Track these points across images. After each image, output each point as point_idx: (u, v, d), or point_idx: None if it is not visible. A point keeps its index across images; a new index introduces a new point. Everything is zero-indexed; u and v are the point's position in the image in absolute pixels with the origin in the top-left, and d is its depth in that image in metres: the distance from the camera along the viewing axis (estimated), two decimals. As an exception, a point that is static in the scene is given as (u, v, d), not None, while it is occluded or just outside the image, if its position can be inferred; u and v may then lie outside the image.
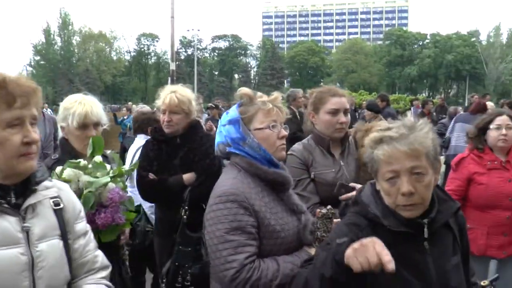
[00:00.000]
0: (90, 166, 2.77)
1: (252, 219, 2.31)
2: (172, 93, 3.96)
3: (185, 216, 3.47)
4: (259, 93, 2.63)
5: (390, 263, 1.62)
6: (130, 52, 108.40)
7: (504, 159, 3.94)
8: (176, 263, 3.25)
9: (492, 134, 3.92)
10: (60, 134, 3.21)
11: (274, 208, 2.43)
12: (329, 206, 2.40)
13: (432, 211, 1.98)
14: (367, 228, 1.98)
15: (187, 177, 3.98)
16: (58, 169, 2.70)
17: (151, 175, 4.00)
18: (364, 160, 2.09)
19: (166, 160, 4.04)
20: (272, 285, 2.21)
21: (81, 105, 3.09)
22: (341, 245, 1.75)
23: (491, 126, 3.93)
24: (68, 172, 2.66)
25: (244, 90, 2.61)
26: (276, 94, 2.62)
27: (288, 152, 3.33)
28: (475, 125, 4.10)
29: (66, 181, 2.53)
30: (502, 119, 3.93)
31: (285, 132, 2.53)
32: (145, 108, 7.60)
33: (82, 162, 2.79)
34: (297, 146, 3.46)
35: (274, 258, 2.33)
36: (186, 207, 3.50)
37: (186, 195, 3.64)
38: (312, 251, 2.38)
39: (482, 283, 2.73)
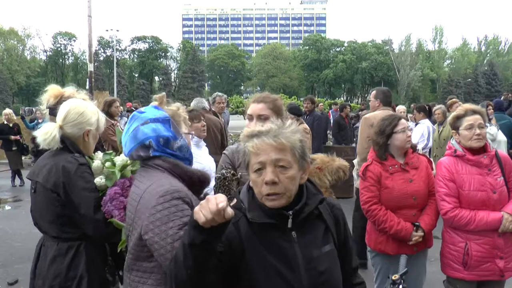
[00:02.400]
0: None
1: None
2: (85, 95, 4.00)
3: None
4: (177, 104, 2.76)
5: (226, 210, 1.75)
6: (46, 52, 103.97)
7: (402, 161, 4.23)
8: None
9: (400, 137, 4.16)
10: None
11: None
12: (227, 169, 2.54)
13: (299, 204, 2.11)
14: (243, 219, 2.14)
15: None
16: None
17: None
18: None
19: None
20: None
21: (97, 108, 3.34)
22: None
23: (396, 130, 4.17)
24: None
25: (163, 95, 2.72)
26: (178, 105, 2.75)
27: (223, 151, 3.48)
28: (380, 132, 4.26)
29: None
30: (403, 123, 4.22)
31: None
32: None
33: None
34: (233, 146, 3.50)
35: None
36: None
37: None
38: None
39: (393, 277, 3.02)
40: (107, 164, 3.00)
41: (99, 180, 3.01)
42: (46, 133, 3.04)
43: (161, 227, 2.26)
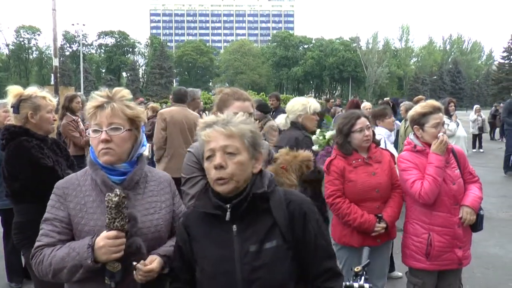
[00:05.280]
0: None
1: (63, 214, 2.37)
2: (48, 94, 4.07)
3: None
4: (95, 93, 2.48)
5: None
6: (8, 45, 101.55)
7: (366, 155, 4.33)
8: None
9: (357, 137, 4.26)
10: None
11: (93, 209, 2.38)
12: (118, 191, 2.23)
13: (239, 197, 2.17)
14: (194, 212, 2.34)
15: None
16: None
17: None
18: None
19: (53, 158, 4.03)
20: (51, 269, 2.27)
21: None
22: None
23: (354, 129, 4.27)
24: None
25: (93, 93, 2.49)
26: (116, 90, 2.49)
27: (188, 148, 3.43)
28: (338, 131, 4.38)
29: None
30: (362, 122, 4.29)
31: (104, 136, 2.36)
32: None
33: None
34: (197, 143, 3.32)
35: (63, 245, 2.32)
36: None
37: None
38: (99, 238, 2.23)
39: (355, 269, 3.05)
40: (321, 137, 5.29)
41: (315, 147, 5.19)
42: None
43: None
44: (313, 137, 5.29)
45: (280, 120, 5.68)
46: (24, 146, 3.84)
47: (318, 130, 5.45)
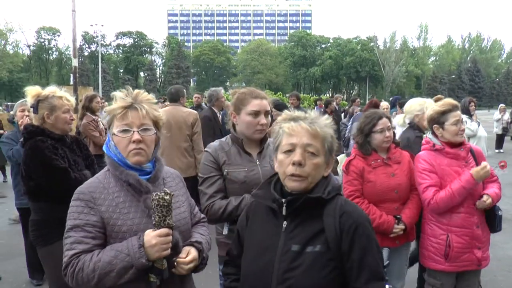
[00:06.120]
0: None
1: (95, 219, 2.34)
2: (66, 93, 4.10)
3: None
4: (119, 94, 2.51)
5: None
6: (29, 46, 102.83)
7: (385, 156, 4.31)
8: None
9: (378, 138, 4.25)
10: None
11: (126, 209, 2.41)
12: (168, 190, 2.31)
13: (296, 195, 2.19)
14: (253, 204, 2.46)
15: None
16: None
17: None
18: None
19: (70, 158, 4.06)
20: (95, 275, 2.23)
21: None
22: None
23: (375, 130, 4.26)
24: None
25: (115, 94, 2.53)
26: (139, 92, 2.55)
27: (205, 148, 3.49)
28: (359, 131, 4.37)
29: None
30: (383, 122, 4.27)
31: (137, 136, 2.42)
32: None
33: None
34: (214, 143, 3.49)
35: (104, 249, 2.33)
36: None
37: None
38: (149, 236, 2.28)
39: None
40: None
41: None
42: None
43: (66, 222, 2.39)
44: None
45: (398, 120, 6.10)
46: (38, 146, 3.90)
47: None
